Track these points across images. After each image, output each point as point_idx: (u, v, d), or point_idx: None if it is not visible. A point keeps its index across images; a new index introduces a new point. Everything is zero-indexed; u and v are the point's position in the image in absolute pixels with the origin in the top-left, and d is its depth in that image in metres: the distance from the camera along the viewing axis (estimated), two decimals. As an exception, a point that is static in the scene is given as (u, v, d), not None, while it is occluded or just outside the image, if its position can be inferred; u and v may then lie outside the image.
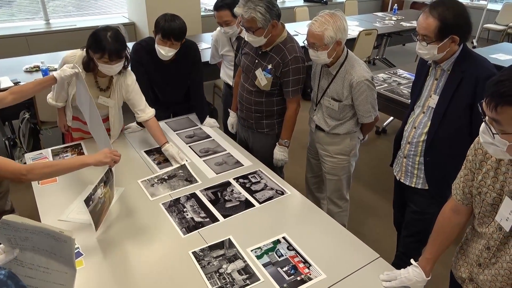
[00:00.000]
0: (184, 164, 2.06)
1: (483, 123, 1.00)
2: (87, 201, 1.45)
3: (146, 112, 2.17)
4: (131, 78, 2.12)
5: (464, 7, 1.54)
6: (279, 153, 2.27)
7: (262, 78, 2.09)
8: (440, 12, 1.50)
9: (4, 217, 1.01)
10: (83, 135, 2.31)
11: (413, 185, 1.85)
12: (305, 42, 1.95)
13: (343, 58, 1.97)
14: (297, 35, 5.03)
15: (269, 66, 2.07)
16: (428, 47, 1.57)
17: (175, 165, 2.06)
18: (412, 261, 1.38)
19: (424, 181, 1.80)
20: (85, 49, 1.94)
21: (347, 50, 2.00)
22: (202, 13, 5.53)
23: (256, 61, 2.13)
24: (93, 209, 1.49)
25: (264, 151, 2.32)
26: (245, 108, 2.28)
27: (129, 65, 2.09)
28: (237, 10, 1.97)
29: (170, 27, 2.10)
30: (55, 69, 2.23)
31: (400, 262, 1.66)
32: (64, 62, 2.02)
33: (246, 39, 2.08)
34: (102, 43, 1.83)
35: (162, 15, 2.16)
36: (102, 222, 1.61)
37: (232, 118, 2.52)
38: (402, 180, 1.89)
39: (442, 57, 1.60)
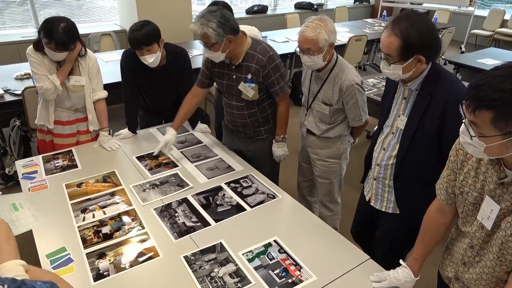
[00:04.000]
0: (177, 172, 2.08)
1: (463, 124, 1.03)
2: None
3: (98, 93, 2.32)
4: (92, 55, 2.28)
5: (430, 24, 1.42)
6: (279, 149, 2.23)
7: (248, 90, 2.06)
8: (403, 30, 1.36)
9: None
10: (64, 141, 2.34)
11: (383, 210, 1.73)
12: (297, 50, 1.95)
13: (333, 63, 2.00)
14: (288, 41, 5.10)
15: (249, 76, 2.04)
16: (391, 67, 1.44)
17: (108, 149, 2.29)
18: (401, 261, 1.41)
19: (395, 205, 1.69)
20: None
21: (337, 55, 2.03)
22: (216, 6, 5.56)
23: (234, 76, 2.07)
24: None
25: (263, 158, 2.28)
26: (240, 123, 2.23)
27: (86, 52, 2.23)
28: (192, 26, 1.93)
29: (134, 37, 2.12)
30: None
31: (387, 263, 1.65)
32: (32, 54, 2.15)
33: (206, 55, 2.04)
34: (52, 31, 1.96)
35: (131, 25, 2.18)
36: None
37: (170, 136, 2.21)
38: (372, 204, 1.77)
39: (409, 77, 1.47)
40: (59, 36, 1.97)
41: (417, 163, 1.55)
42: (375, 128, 1.82)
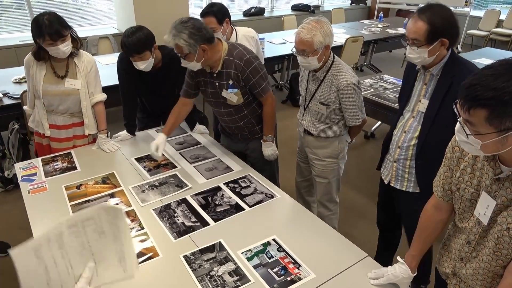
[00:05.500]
0: (175, 173, 2.09)
1: (458, 122, 1.05)
2: None
3: (96, 96, 2.31)
4: (90, 58, 2.26)
5: (451, 11, 1.59)
6: (267, 149, 2.23)
7: (231, 96, 2.06)
8: (428, 16, 1.55)
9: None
10: (60, 145, 2.33)
11: (404, 189, 1.86)
12: (294, 50, 1.98)
13: (330, 63, 2.01)
14: (285, 43, 5.12)
15: (230, 82, 2.04)
16: (418, 50, 1.59)
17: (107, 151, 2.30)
18: (398, 258, 1.42)
19: (415, 184, 1.82)
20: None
21: (333, 55, 2.04)
22: (189, 17, 5.58)
23: (217, 83, 2.07)
24: None
25: (262, 156, 2.29)
26: (235, 127, 2.25)
27: (81, 46, 2.22)
28: (165, 37, 1.92)
29: (125, 45, 2.12)
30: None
31: (381, 259, 1.68)
32: (26, 64, 2.19)
33: (182, 65, 2.01)
34: (41, 27, 1.97)
35: (125, 30, 2.18)
36: None
37: (161, 139, 2.17)
38: (392, 184, 1.89)
39: (431, 62, 1.63)
40: (48, 28, 1.97)
41: (439, 143, 1.67)
42: (389, 127, 1.92)
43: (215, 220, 1.71)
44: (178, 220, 1.71)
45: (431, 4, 1.59)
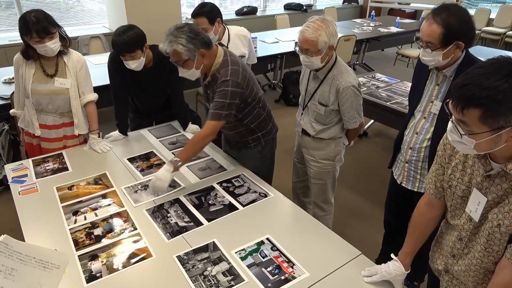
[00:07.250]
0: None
1: (450, 122, 1.05)
2: None
3: (87, 96, 2.29)
4: (80, 57, 2.25)
5: (467, 13, 1.52)
6: (160, 173, 1.83)
7: None
8: (444, 18, 1.48)
9: (3, 237, 1.02)
10: (51, 145, 2.31)
11: (415, 190, 1.83)
12: (297, 48, 1.94)
13: (332, 64, 1.98)
14: (277, 42, 5.13)
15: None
16: (432, 53, 1.54)
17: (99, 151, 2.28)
18: (392, 255, 1.42)
19: None
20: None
21: (336, 56, 2.01)
22: (184, 22, 5.56)
23: (208, 92, 2.04)
24: None
25: (253, 165, 2.19)
26: (226, 135, 2.24)
27: (70, 44, 2.21)
28: (161, 46, 1.86)
29: (117, 44, 2.10)
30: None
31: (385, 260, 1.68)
32: (15, 63, 2.18)
33: (180, 75, 1.94)
34: (28, 24, 1.98)
35: (116, 29, 2.16)
36: None
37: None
38: (404, 185, 1.87)
39: (445, 64, 1.58)
40: (35, 25, 1.96)
41: None
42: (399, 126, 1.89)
43: (209, 220, 1.70)
44: (171, 220, 1.70)
45: (447, 4, 1.52)
